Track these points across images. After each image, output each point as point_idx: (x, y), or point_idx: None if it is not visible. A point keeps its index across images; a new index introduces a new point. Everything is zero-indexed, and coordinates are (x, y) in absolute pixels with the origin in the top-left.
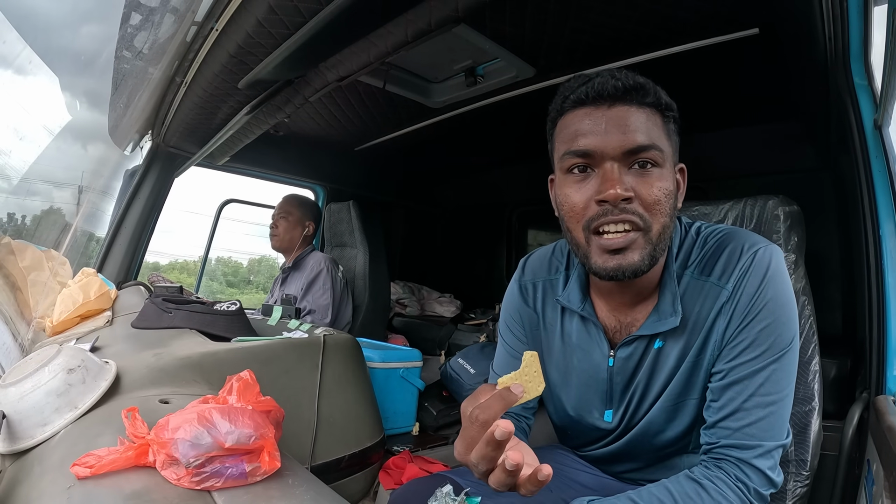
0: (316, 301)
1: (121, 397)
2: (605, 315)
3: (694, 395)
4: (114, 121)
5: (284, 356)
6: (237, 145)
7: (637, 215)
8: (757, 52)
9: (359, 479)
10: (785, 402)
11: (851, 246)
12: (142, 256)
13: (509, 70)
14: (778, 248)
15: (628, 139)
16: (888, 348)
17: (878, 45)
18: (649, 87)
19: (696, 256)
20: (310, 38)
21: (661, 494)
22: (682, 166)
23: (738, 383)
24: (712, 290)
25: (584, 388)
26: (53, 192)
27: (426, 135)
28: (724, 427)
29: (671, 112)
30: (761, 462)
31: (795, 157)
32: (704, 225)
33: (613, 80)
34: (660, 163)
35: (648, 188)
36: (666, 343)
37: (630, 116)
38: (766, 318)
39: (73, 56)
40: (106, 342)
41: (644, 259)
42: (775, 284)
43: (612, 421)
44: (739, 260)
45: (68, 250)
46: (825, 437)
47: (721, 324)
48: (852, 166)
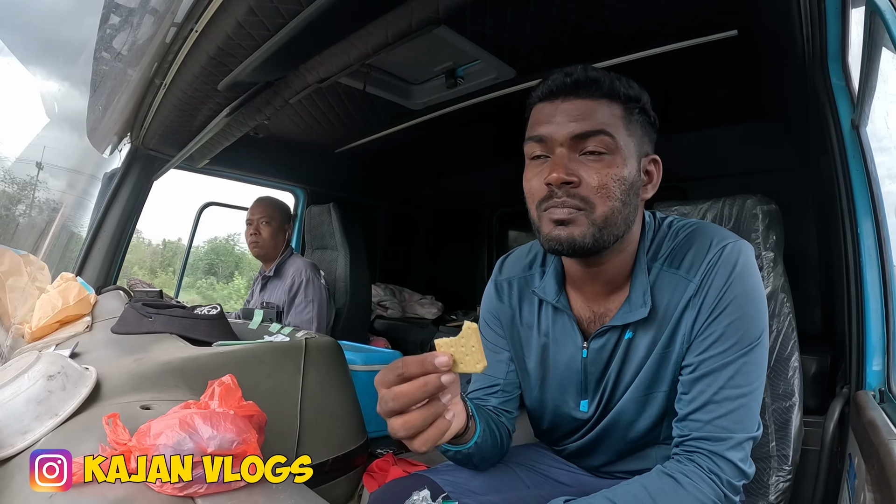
0: (300, 316)
1: (102, 404)
2: (580, 306)
3: (663, 388)
4: (92, 123)
5: (266, 360)
6: (217, 148)
7: (579, 199)
8: (736, 54)
9: (343, 482)
10: (755, 394)
11: (830, 244)
12: (121, 260)
13: (490, 72)
14: (748, 243)
15: (576, 126)
16: (868, 344)
17: (855, 46)
18: (603, 80)
19: (666, 249)
20: (290, 40)
21: (637, 492)
22: (655, 157)
23: (707, 376)
24: (680, 282)
25: (561, 379)
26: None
27: (407, 137)
28: (695, 420)
29: (635, 104)
30: (733, 454)
31: (774, 157)
32: (677, 219)
33: (564, 77)
34: (611, 150)
35: (594, 173)
36: (636, 334)
37: (581, 107)
38: (734, 313)
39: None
40: (86, 348)
41: (586, 237)
42: (743, 280)
43: (588, 411)
44: (707, 254)
45: (47, 254)
46: (806, 433)
47: (689, 317)
48: (830, 166)
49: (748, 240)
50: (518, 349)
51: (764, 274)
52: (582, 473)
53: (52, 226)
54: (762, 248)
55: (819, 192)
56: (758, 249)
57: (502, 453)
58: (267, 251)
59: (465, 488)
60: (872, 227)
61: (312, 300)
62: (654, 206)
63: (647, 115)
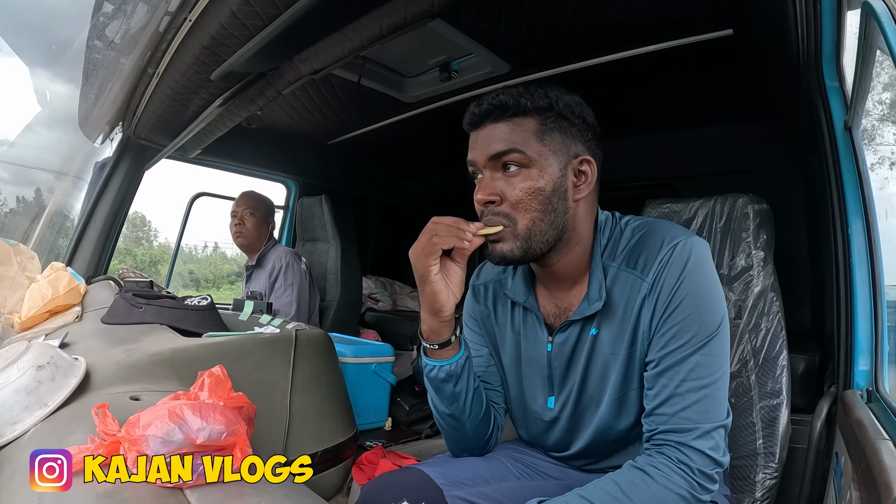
0: (279, 299)
1: (91, 394)
2: (546, 302)
3: (634, 386)
4: (84, 112)
5: (256, 352)
6: (209, 138)
7: (503, 216)
8: (730, 53)
9: (332, 474)
10: (718, 384)
11: (820, 243)
12: (112, 250)
13: (484, 66)
14: (700, 240)
15: (489, 149)
16: (856, 344)
17: (850, 47)
18: (509, 102)
19: (622, 248)
20: (284, 30)
21: (609, 487)
22: (586, 158)
23: (668, 370)
24: (636, 281)
25: (530, 374)
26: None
27: (400, 130)
28: (661, 413)
29: (548, 113)
30: (700, 443)
31: (766, 157)
32: (632, 219)
33: (476, 107)
34: (525, 164)
35: (512, 189)
36: (601, 331)
37: (492, 132)
38: (688, 308)
39: (44, 46)
40: (75, 338)
41: (514, 250)
42: (695, 276)
43: (554, 408)
44: (659, 253)
45: (37, 244)
46: (794, 431)
47: (646, 314)
48: (822, 166)
49: (739, 239)
50: (495, 346)
51: (754, 273)
52: (570, 468)
53: (43, 215)
54: (753, 247)
55: (810, 192)
56: (748, 248)
57: (489, 424)
58: (250, 241)
59: (456, 480)
60: (863, 228)
61: (292, 283)
62: (646, 203)
63: (568, 119)
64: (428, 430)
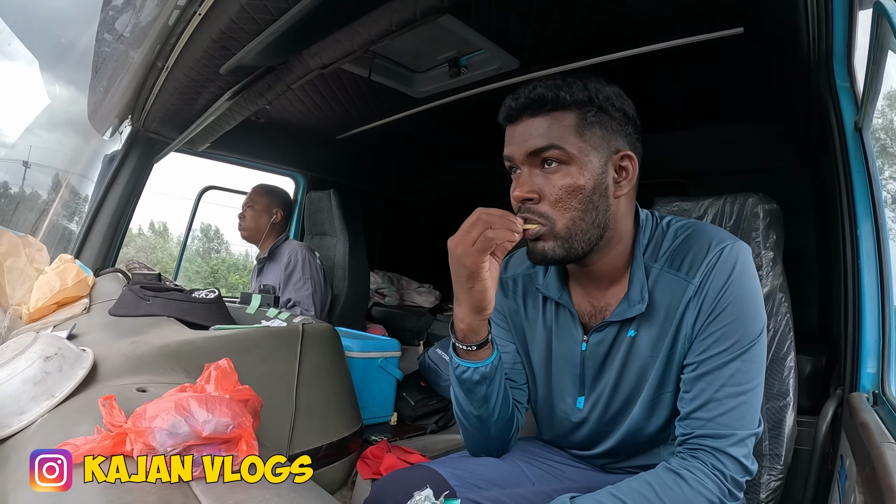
0: (298, 292)
1: (98, 386)
2: (581, 301)
3: (669, 389)
4: (93, 105)
5: (263, 345)
6: (218, 131)
7: (540, 214)
8: (741, 51)
9: (337, 468)
10: (755, 391)
11: (829, 245)
12: (120, 243)
13: (493, 62)
14: (745, 245)
15: (527, 145)
16: (863, 346)
17: (861, 48)
18: (547, 95)
19: (665, 249)
20: (293, 25)
21: (642, 488)
22: (627, 153)
23: (708, 374)
24: (680, 283)
25: (561, 373)
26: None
27: (409, 125)
28: (698, 417)
29: (589, 106)
30: (735, 450)
31: (775, 156)
32: (675, 219)
33: (512, 101)
34: (565, 160)
35: (551, 187)
36: (639, 333)
37: (530, 127)
38: (733, 314)
39: (53, 39)
40: (83, 330)
41: (556, 250)
42: (741, 282)
43: (584, 408)
44: (706, 256)
45: (45, 236)
46: (799, 432)
47: (690, 317)
48: (832, 167)
49: (748, 239)
50: (523, 343)
51: (763, 273)
52: (588, 469)
53: (52, 207)
54: (762, 248)
55: (820, 192)
56: (757, 248)
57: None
58: (251, 232)
59: (469, 482)
60: (872, 230)
61: (310, 278)
62: (655, 201)
63: (608, 113)
64: (433, 426)
